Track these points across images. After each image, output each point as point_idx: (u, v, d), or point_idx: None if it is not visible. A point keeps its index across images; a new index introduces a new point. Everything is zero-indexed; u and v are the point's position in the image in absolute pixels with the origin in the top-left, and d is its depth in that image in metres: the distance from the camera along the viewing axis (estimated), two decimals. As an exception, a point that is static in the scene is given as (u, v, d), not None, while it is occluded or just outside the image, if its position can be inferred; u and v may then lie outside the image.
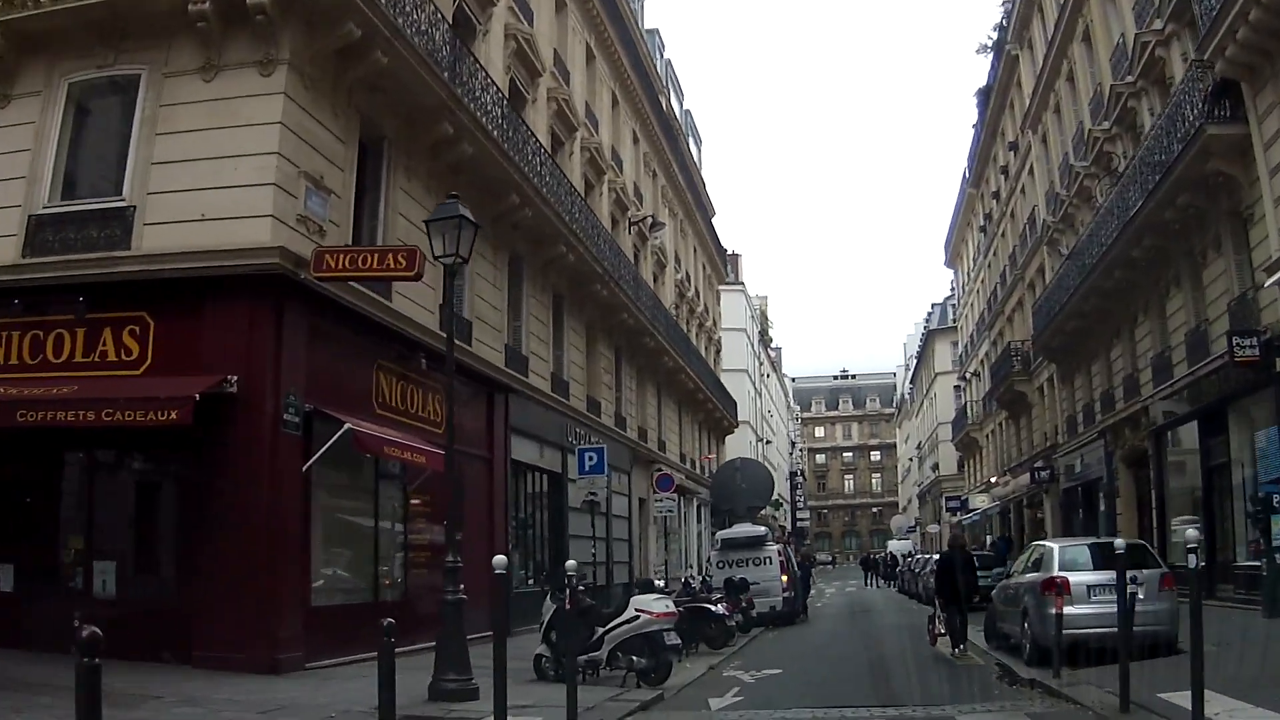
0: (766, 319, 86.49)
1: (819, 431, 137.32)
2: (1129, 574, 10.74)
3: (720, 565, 24.89)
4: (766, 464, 69.79)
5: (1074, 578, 13.37)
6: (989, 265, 47.14)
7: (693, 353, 42.64)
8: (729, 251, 74.33)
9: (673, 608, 13.73)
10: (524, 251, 22.57)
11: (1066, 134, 30.40)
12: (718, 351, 54.94)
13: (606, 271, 27.10)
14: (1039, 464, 33.96)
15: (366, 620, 10.71)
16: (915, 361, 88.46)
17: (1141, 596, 11.69)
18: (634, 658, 12.84)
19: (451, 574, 11.03)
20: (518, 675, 11.87)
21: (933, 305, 78.52)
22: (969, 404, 51.96)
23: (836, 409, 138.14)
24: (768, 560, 24.75)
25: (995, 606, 17.04)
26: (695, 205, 49.18)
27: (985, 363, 48.37)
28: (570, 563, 10.96)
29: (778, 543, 26.65)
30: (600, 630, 13.13)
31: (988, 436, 49.01)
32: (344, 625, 13.67)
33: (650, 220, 35.82)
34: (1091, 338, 29.14)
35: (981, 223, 47.59)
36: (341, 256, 13.20)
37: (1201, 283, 20.44)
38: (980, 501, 45.65)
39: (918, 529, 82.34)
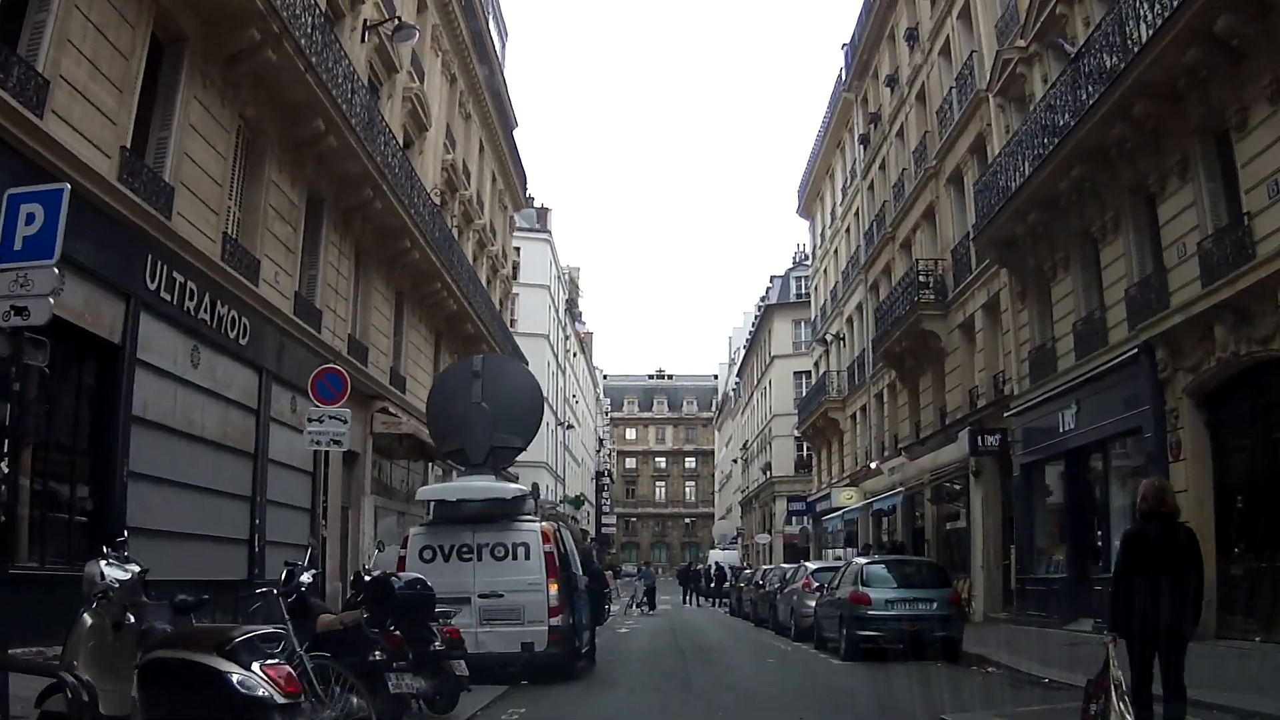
0: (577, 288, 73.99)
1: (630, 433, 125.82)
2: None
3: (426, 556, 12.26)
4: (550, 417, 57.03)
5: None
6: (867, 188, 35.69)
7: (459, 263, 29.58)
8: (540, 205, 61.70)
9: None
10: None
11: None
12: (507, 293, 41.74)
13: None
14: (971, 428, 22.13)
15: None
16: (744, 350, 77.53)
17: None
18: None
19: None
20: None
21: (772, 278, 67.54)
22: (828, 376, 40.36)
23: (651, 410, 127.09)
24: (521, 551, 12.61)
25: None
26: (492, 101, 36.34)
27: (859, 316, 36.84)
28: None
29: (546, 519, 13.74)
30: None
31: (854, 417, 37.49)
32: None
33: (397, 24, 22.66)
34: (1094, 203, 17.55)
35: (862, 131, 36.09)
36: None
37: None
38: (846, 499, 33.98)
39: (740, 539, 71.00)
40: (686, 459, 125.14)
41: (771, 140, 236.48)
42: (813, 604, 19.52)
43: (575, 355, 72.99)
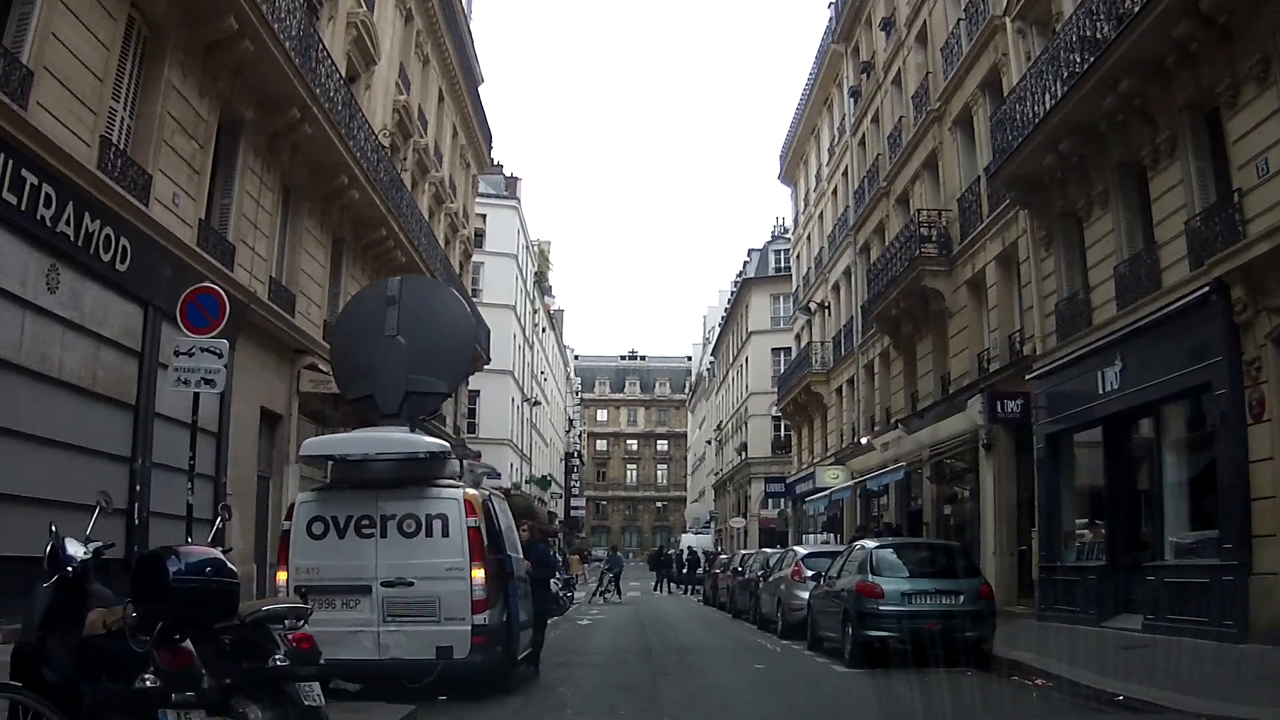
0: (547, 260, 70.99)
1: (602, 415, 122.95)
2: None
3: (315, 531, 9.66)
4: (518, 395, 54.10)
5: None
6: (857, 144, 32.98)
7: (411, 213, 26.67)
8: (509, 174, 58.74)
9: None
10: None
11: None
12: (468, 255, 38.80)
13: None
14: (989, 393, 19.40)
15: None
16: (720, 328, 74.82)
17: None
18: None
19: None
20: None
21: (750, 252, 64.78)
22: (811, 348, 37.62)
23: (623, 391, 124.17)
24: (438, 525, 9.71)
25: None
26: (454, 49, 33.39)
27: (846, 282, 34.16)
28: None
29: (475, 485, 10.68)
30: None
31: (840, 390, 34.82)
32: None
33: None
34: (1143, 125, 14.87)
35: (853, 84, 33.31)
36: None
37: None
38: (831, 478, 31.28)
39: (714, 523, 68.44)
40: (659, 441, 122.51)
41: (748, 117, 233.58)
42: (804, 595, 16.84)
43: (544, 331, 70.09)
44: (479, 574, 9.33)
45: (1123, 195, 16.06)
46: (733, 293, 69.23)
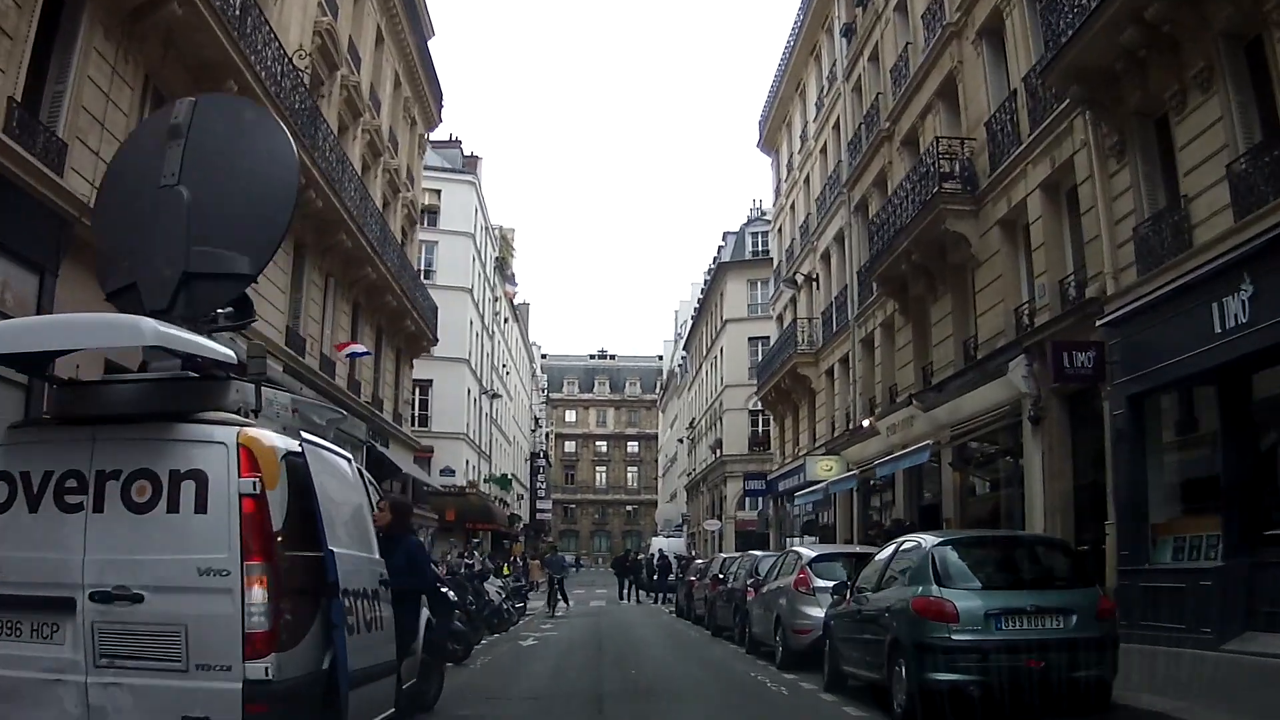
0: (510, 246, 66.51)
1: (570, 415, 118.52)
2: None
3: None
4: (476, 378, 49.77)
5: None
6: (852, 90, 28.93)
7: (333, 153, 22.34)
8: (469, 153, 54.42)
9: None
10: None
11: None
12: (412, 222, 34.39)
13: None
14: (1053, 344, 15.19)
15: None
16: (692, 321, 70.72)
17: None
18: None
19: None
20: None
21: (725, 235, 60.60)
22: (798, 326, 33.39)
23: (592, 391, 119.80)
24: (188, 492, 5.32)
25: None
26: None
27: (838, 249, 30.04)
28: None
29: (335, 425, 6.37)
30: None
31: (831, 371, 30.65)
32: None
33: None
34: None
35: (846, 21, 29.23)
36: None
37: None
38: (824, 470, 27.05)
39: (687, 527, 64.18)
40: (629, 443, 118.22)
41: (720, 106, 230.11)
42: (815, 614, 12.68)
43: (507, 321, 65.63)
44: (259, 584, 5.09)
45: (1232, 71, 11.99)
46: (706, 281, 65.12)
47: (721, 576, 21.37)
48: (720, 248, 61.33)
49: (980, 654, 8.13)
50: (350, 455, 6.75)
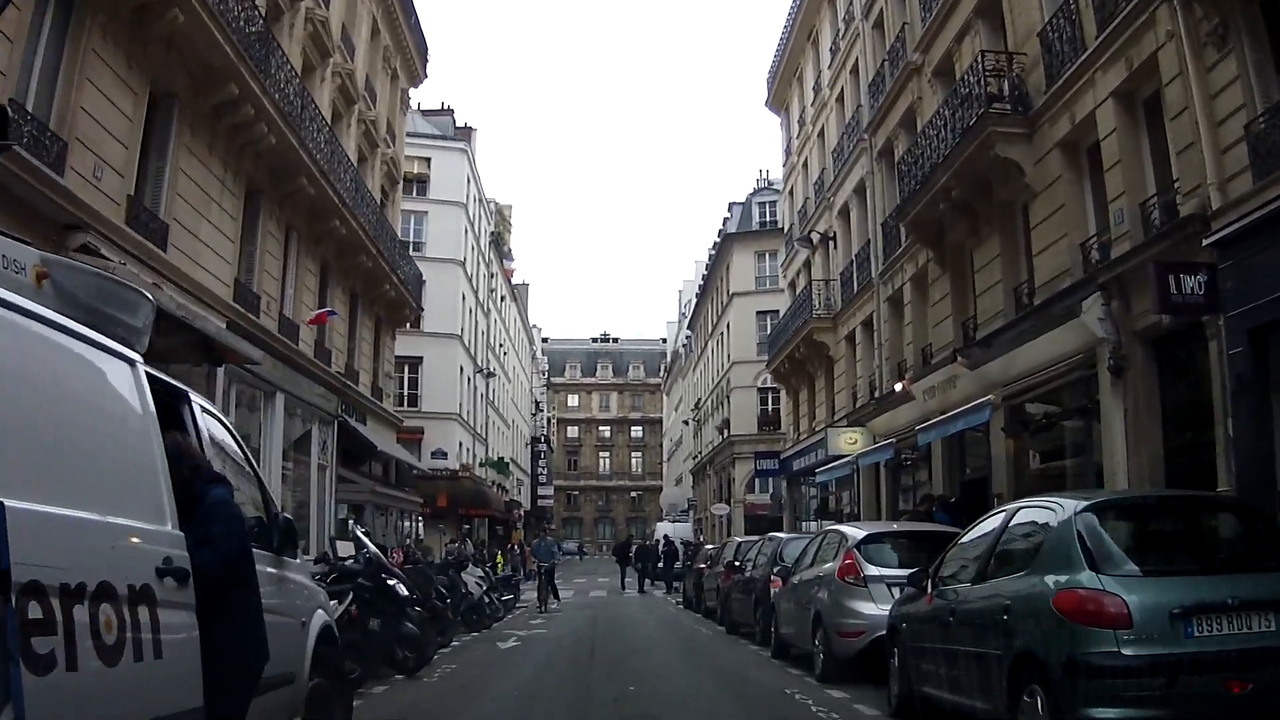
0: (506, 222, 63.86)
1: (573, 400, 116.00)
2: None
3: None
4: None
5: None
6: (872, 26, 26.23)
7: (298, 100, 19.66)
8: (463, 124, 51.74)
9: None
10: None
11: None
12: (393, 181, 31.63)
13: None
14: (1155, 265, 12.53)
15: None
16: (696, 299, 68.11)
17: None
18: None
19: None
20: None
21: (731, 206, 57.87)
22: (813, 289, 30.65)
23: (594, 375, 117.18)
24: None
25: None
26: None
27: (859, 202, 27.36)
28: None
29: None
30: None
31: (852, 336, 27.96)
32: None
33: None
34: None
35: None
36: None
37: None
38: (848, 444, 24.38)
39: (693, 511, 61.61)
40: (633, 428, 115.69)
41: (719, 83, 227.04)
42: (868, 611, 10.07)
43: (504, 300, 62.96)
44: None
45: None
46: (711, 256, 62.41)
47: (738, 564, 18.68)
48: (725, 219, 58.59)
49: (1167, 672, 5.41)
50: (134, 356, 4.00)
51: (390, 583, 10.61)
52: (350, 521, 17.52)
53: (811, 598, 11.59)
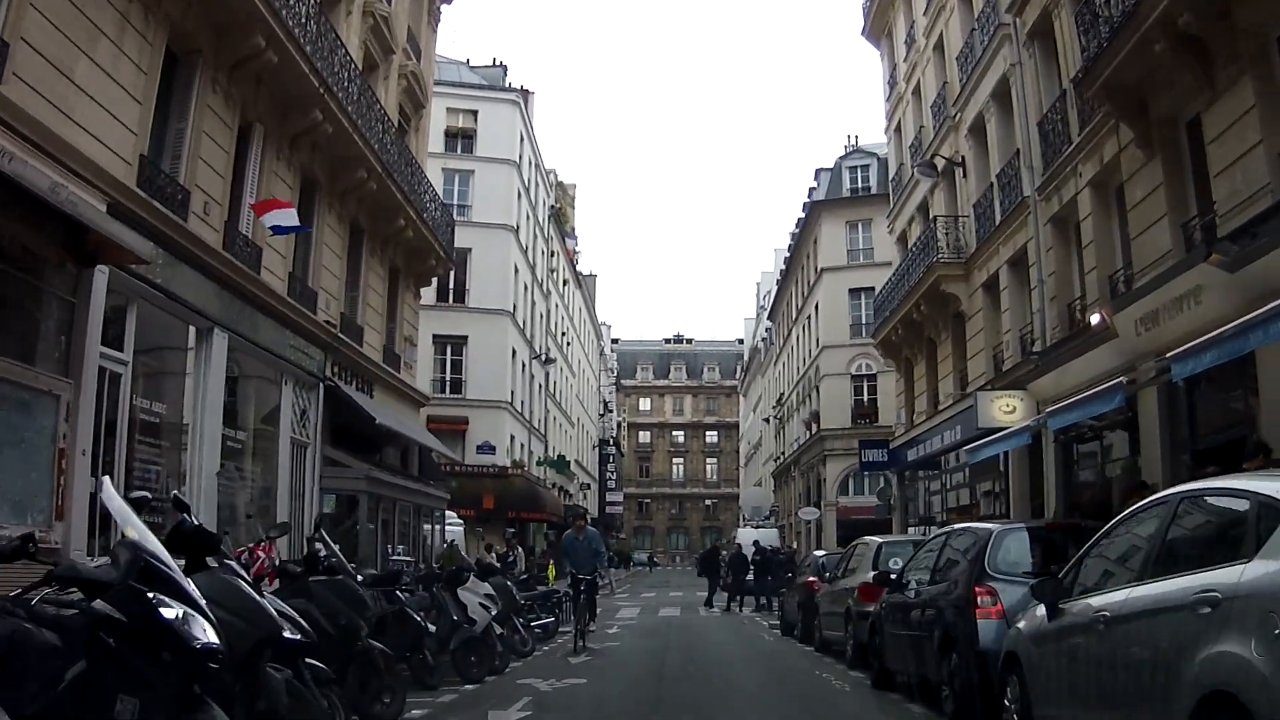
0: (568, 197, 58.40)
1: (644, 404, 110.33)
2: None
3: None
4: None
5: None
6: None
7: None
8: (520, 86, 46.37)
9: None
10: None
11: None
12: (412, 99, 25.90)
13: None
14: None
15: None
16: (778, 284, 62.05)
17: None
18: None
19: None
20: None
21: (818, 173, 51.70)
22: (939, 226, 24.13)
23: (667, 378, 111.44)
24: None
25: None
26: None
27: (997, 107, 21.11)
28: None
29: None
30: None
31: (990, 285, 21.69)
32: None
33: None
34: None
35: None
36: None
37: None
38: (1004, 411, 18.10)
39: (774, 517, 55.31)
40: (707, 432, 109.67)
41: (798, 72, 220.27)
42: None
43: (567, 284, 57.49)
44: None
45: None
46: (793, 236, 56.31)
47: (903, 580, 11.97)
48: (811, 189, 52.46)
49: None
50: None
51: (170, 614, 4.57)
52: (316, 523, 11.83)
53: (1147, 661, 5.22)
